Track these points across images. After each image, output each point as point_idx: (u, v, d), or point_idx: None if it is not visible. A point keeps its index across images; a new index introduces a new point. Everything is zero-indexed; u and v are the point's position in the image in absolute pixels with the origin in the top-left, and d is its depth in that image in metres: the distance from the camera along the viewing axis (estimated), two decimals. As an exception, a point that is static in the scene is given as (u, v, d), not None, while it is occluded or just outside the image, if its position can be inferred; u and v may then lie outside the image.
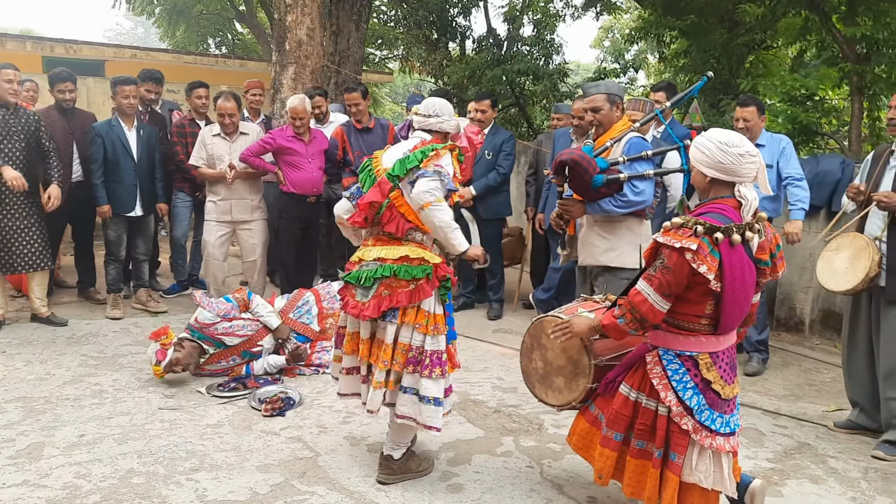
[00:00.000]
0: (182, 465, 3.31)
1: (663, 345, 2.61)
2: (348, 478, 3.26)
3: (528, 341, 3.13)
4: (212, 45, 22.07)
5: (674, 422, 2.54)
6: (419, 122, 3.25)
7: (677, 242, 2.44)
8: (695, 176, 2.64)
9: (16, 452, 3.37)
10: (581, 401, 2.90)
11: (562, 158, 3.73)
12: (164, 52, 12.88)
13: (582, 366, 2.88)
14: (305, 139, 5.74)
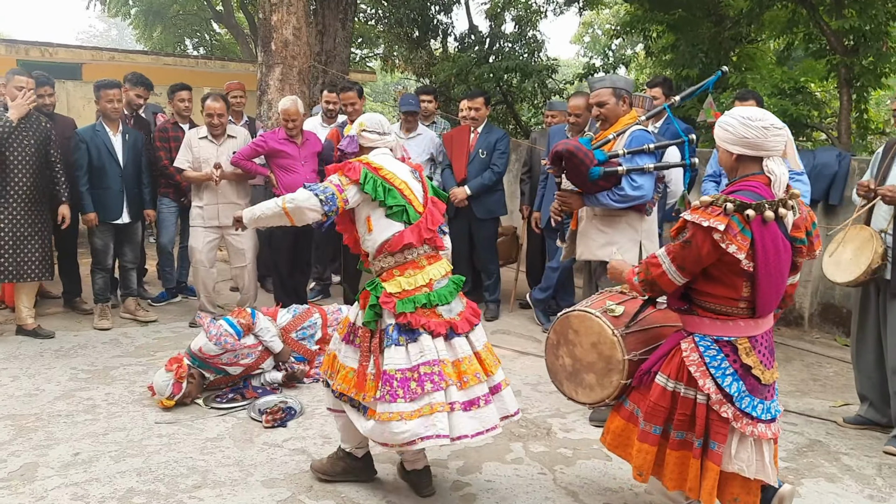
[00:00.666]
0: (184, 483, 3.19)
1: (699, 331, 2.52)
2: (357, 491, 3.16)
3: (554, 338, 2.99)
4: (189, 45, 21.79)
5: (713, 410, 2.46)
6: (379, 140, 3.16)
7: (705, 221, 2.36)
8: (721, 156, 2.58)
9: (8, 474, 3.23)
10: (615, 398, 2.79)
11: (557, 149, 3.68)
12: (144, 55, 12.65)
13: (615, 361, 2.75)
14: (298, 142, 5.60)
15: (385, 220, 2.97)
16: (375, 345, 2.91)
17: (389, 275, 2.96)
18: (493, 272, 6.13)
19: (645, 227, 3.76)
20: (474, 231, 6.03)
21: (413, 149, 6.13)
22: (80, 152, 5.38)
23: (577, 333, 2.86)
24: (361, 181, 2.93)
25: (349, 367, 2.98)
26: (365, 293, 2.96)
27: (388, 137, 3.19)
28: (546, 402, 4.25)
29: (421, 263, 2.99)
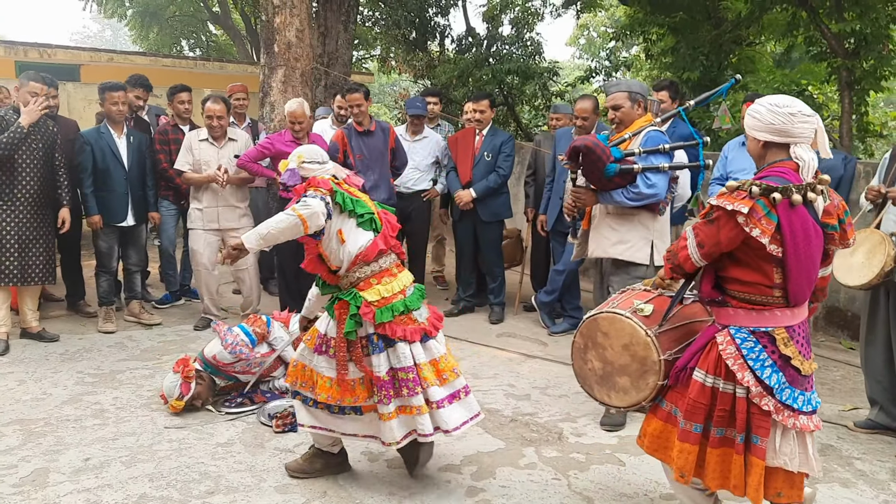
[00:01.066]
0: (197, 489, 3.17)
1: (734, 323, 2.49)
2: (371, 497, 3.15)
3: (581, 341, 2.93)
4: (185, 47, 21.71)
5: (753, 403, 2.42)
6: (314, 168, 3.23)
7: (729, 204, 2.35)
8: (749, 144, 2.57)
9: (19, 480, 3.21)
10: (651, 399, 2.71)
11: (576, 144, 3.71)
12: (142, 56, 12.61)
13: (650, 363, 2.67)
14: (304, 143, 5.58)
15: (357, 229, 3.09)
16: (357, 354, 3.03)
17: (367, 284, 3.04)
18: (498, 275, 6.12)
19: (657, 226, 3.78)
20: (479, 234, 6.03)
21: (419, 152, 6.13)
22: (84, 154, 5.35)
23: (607, 336, 2.80)
24: (333, 191, 3.06)
25: (326, 377, 3.08)
26: (342, 304, 3.02)
27: (327, 166, 3.27)
28: (556, 406, 4.24)
29: (393, 271, 3.14)
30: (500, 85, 10.01)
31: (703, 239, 2.45)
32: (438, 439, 3.23)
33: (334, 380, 3.06)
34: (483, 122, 5.86)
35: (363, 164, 5.53)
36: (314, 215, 2.95)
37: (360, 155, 5.58)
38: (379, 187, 5.58)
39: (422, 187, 6.17)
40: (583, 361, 2.93)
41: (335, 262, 3.09)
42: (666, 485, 3.29)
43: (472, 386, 4.44)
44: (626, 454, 3.60)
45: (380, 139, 5.69)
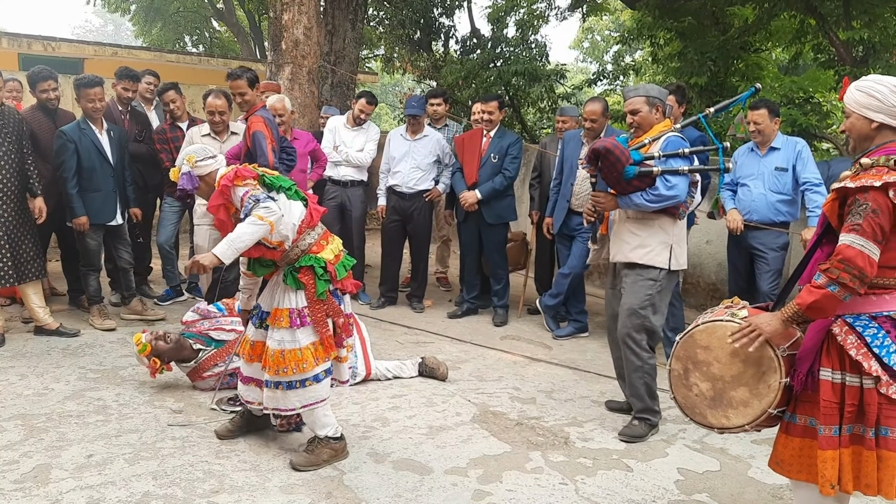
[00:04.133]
0: (201, 487, 3.14)
1: (851, 310, 2.36)
2: (378, 499, 3.12)
3: (679, 367, 2.70)
4: (188, 43, 21.68)
5: (881, 393, 2.29)
6: (209, 163, 3.42)
7: (876, 181, 2.24)
8: (854, 123, 2.43)
9: (21, 476, 3.17)
10: (778, 404, 2.48)
11: (595, 146, 3.70)
12: (146, 51, 12.58)
13: (767, 360, 2.48)
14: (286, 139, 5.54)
15: (289, 202, 3.28)
16: (334, 307, 3.31)
17: (319, 247, 3.30)
18: (503, 277, 6.09)
19: (676, 230, 3.75)
20: (483, 236, 6.00)
21: (419, 150, 6.10)
22: (67, 153, 5.07)
23: (709, 349, 2.60)
24: (260, 175, 3.26)
25: (308, 345, 3.27)
26: (304, 270, 3.23)
27: (219, 157, 3.47)
28: (562, 410, 4.21)
29: (327, 238, 3.39)
30: (506, 86, 9.99)
31: (876, 231, 2.27)
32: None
33: (317, 342, 3.28)
34: (492, 124, 5.83)
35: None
36: (279, 218, 3.16)
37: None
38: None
39: (423, 187, 6.14)
40: (686, 389, 2.69)
41: (278, 238, 3.21)
42: (675, 491, 3.27)
43: (477, 388, 4.48)
44: (633, 460, 3.58)
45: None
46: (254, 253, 3.25)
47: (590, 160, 3.78)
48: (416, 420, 3.98)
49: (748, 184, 4.91)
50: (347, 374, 3.59)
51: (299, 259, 3.24)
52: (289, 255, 3.25)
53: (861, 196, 2.29)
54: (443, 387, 4.51)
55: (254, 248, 3.22)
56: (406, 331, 5.72)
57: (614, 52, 20.14)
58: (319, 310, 3.26)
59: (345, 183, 6.25)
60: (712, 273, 6.50)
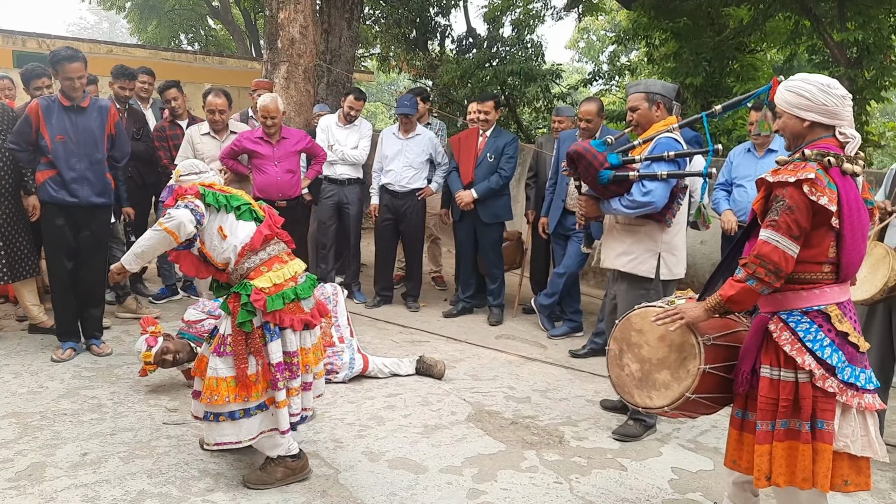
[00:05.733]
0: (196, 486, 3.14)
1: (784, 307, 2.43)
2: (373, 497, 3.12)
3: (615, 347, 2.87)
4: (184, 41, 21.64)
5: (817, 387, 2.35)
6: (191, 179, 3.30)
7: (791, 177, 2.31)
8: (788, 123, 2.50)
9: (15, 474, 3.16)
10: (695, 389, 2.60)
11: (568, 151, 3.69)
12: (141, 48, 12.55)
13: (688, 346, 2.62)
14: (273, 141, 5.53)
15: (237, 222, 3.11)
16: (256, 345, 3.00)
17: (257, 272, 3.05)
18: (498, 276, 6.10)
19: (666, 238, 3.71)
20: (479, 235, 6.01)
21: (412, 149, 6.11)
22: None
23: (642, 332, 2.75)
24: (202, 194, 3.12)
25: (227, 378, 3.02)
26: (234, 296, 3.01)
27: (204, 175, 3.33)
28: (556, 409, 4.23)
29: (283, 258, 3.16)
30: (502, 86, 10.01)
31: (792, 227, 2.33)
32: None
33: (235, 377, 3.00)
34: (488, 123, 5.84)
35: (65, 150, 4.49)
36: (180, 225, 2.99)
37: (63, 136, 4.50)
38: (85, 180, 4.57)
39: (416, 186, 6.14)
40: (619, 368, 2.85)
41: (221, 259, 3.11)
42: (669, 490, 3.29)
43: (472, 387, 4.48)
44: (627, 459, 3.59)
45: (94, 119, 4.62)
46: (204, 273, 3.22)
47: (568, 164, 3.76)
48: (412, 419, 3.99)
49: (744, 185, 4.92)
50: (302, 406, 3.19)
51: (238, 283, 3.06)
52: (231, 279, 3.11)
53: (780, 192, 2.37)
54: (438, 386, 4.52)
55: (203, 269, 3.21)
56: (401, 330, 5.73)
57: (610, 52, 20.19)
58: (241, 342, 2.98)
59: (342, 181, 6.25)
60: (706, 273, 6.51)
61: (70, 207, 4.57)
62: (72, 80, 4.41)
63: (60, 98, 4.49)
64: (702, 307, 2.60)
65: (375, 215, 6.29)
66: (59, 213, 4.58)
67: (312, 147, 5.80)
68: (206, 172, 3.37)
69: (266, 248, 3.11)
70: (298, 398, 3.14)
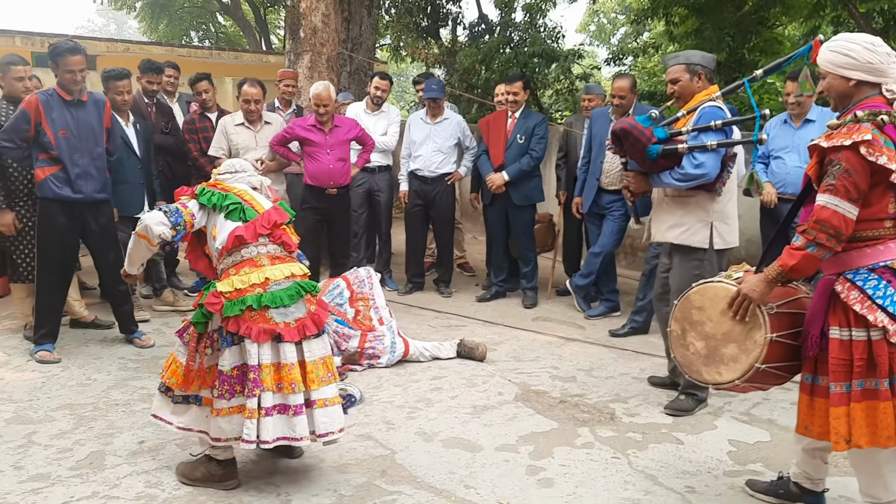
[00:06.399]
0: (256, 469, 3.15)
1: (848, 266, 2.43)
2: (432, 476, 3.12)
3: (677, 327, 2.85)
4: (195, 38, 21.69)
5: (892, 343, 2.33)
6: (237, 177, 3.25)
7: (847, 140, 2.30)
8: (832, 83, 2.48)
9: (76, 463, 3.18)
10: (766, 359, 2.58)
11: (613, 128, 3.65)
12: (158, 46, 12.61)
13: (753, 317, 2.60)
14: (326, 128, 5.53)
15: (225, 222, 3.01)
16: (203, 347, 2.91)
17: (226, 274, 2.93)
18: (531, 259, 6.07)
19: (717, 208, 3.67)
20: (511, 218, 5.97)
21: (440, 133, 6.08)
22: None
23: (702, 309, 2.73)
24: (198, 193, 3.07)
25: (179, 362, 3.00)
26: (199, 293, 2.97)
27: (239, 175, 3.26)
28: (604, 387, 4.21)
29: (260, 262, 2.93)
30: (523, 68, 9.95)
31: (850, 190, 2.33)
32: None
33: (185, 366, 2.96)
34: (517, 104, 5.80)
35: (68, 145, 4.40)
36: (147, 229, 3.01)
37: (65, 131, 4.41)
38: (89, 175, 4.50)
39: (445, 170, 6.11)
40: (684, 348, 2.83)
41: (215, 259, 3.07)
42: (727, 462, 3.27)
43: (515, 368, 4.47)
44: (682, 433, 3.57)
45: (92, 114, 4.56)
46: (213, 274, 3.13)
47: (613, 141, 3.73)
48: (460, 400, 3.98)
49: (782, 156, 4.87)
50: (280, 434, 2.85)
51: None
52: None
53: (835, 156, 2.36)
54: (481, 368, 4.51)
55: (205, 267, 3.24)
56: (436, 315, 5.72)
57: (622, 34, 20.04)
58: (194, 339, 2.92)
59: (372, 169, 6.23)
60: (741, 248, 6.43)
61: (73, 204, 4.47)
62: (73, 72, 4.35)
63: (60, 92, 4.39)
64: (763, 282, 2.57)
65: (405, 202, 6.27)
66: (61, 210, 4.46)
67: (363, 135, 5.77)
68: (242, 172, 3.29)
69: (242, 250, 2.95)
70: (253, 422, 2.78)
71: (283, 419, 2.83)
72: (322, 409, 2.89)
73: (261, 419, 2.79)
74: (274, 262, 2.95)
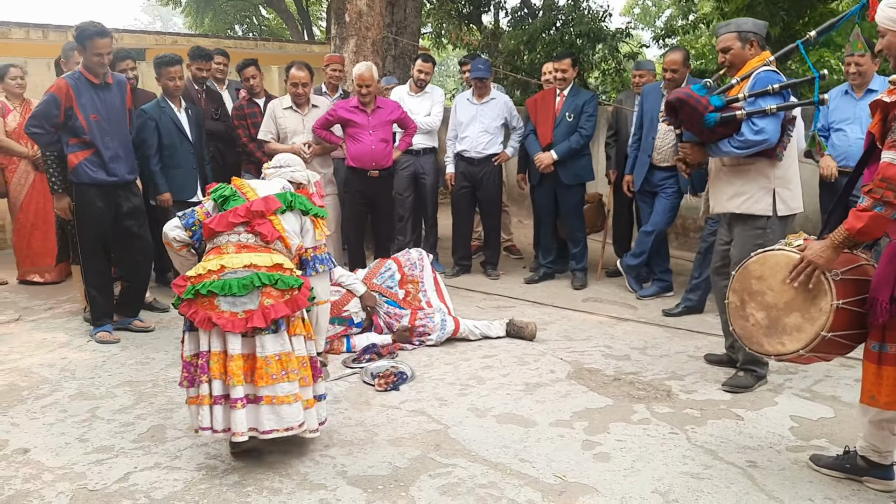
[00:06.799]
0: (313, 443, 3.17)
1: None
2: (486, 449, 3.10)
3: (736, 299, 2.78)
4: (238, 31, 21.97)
5: None
6: (278, 172, 3.37)
7: None
8: (892, 40, 2.42)
9: (138, 436, 3.26)
10: (833, 328, 2.51)
11: (669, 98, 3.57)
12: (204, 38, 12.75)
13: (818, 284, 2.52)
14: (369, 109, 5.53)
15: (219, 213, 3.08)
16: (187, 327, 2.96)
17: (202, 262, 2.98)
18: (581, 240, 5.99)
19: (778, 173, 3.56)
20: (560, 198, 5.90)
21: (487, 114, 6.03)
22: (148, 131, 5.14)
23: (762, 279, 2.66)
24: (212, 191, 3.13)
25: None
26: None
27: (283, 170, 3.36)
28: (659, 365, 4.13)
29: (227, 250, 2.92)
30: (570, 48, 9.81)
31: None
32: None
33: None
34: (565, 82, 5.71)
35: (99, 129, 4.46)
36: (166, 237, 3.15)
37: (96, 115, 4.45)
38: (119, 158, 4.57)
39: (492, 151, 6.06)
40: (744, 320, 2.76)
41: None
42: (790, 437, 3.19)
43: (567, 347, 4.42)
44: (742, 409, 3.49)
45: (117, 96, 4.61)
46: None
47: (668, 112, 3.64)
48: (511, 378, 3.96)
49: (844, 128, 4.69)
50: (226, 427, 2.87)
51: None
52: None
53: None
54: (532, 347, 4.47)
55: None
56: (485, 297, 5.70)
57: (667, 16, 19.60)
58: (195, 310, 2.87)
59: (417, 151, 6.22)
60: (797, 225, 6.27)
61: (107, 187, 4.54)
62: (101, 55, 4.34)
63: (86, 75, 4.41)
64: (829, 247, 2.50)
65: (452, 184, 6.24)
66: (98, 194, 4.52)
67: (405, 118, 5.75)
68: (286, 168, 3.36)
69: (215, 238, 2.98)
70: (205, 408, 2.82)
71: (226, 410, 2.84)
72: (269, 405, 2.83)
73: (212, 406, 2.83)
74: (240, 251, 2.91)
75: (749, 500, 2.68)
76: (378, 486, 2.81)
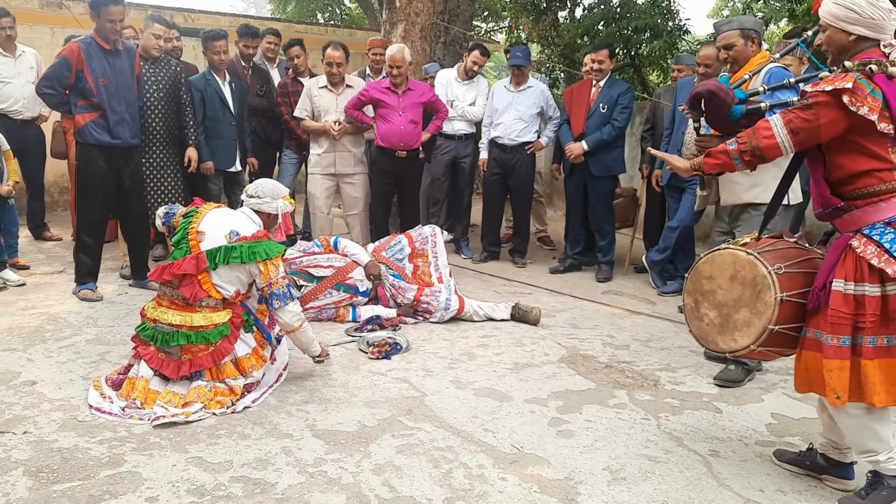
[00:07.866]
0: (293, 398, 3.33)
1: (864, 222, 2.35)
2: (455, 418, 3.18)
3: (690, 300, 2.78)
4: (320, 19, 22.53)
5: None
6: (247, 201, 3.53)
7: (828, 86, 2.26)
8: (832, 36, 2.43)
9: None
10: (779, 320, 2.49)
11: (697, 90, 3.52)
12: (276, 21, 13.21)
13: (760, 278, 2.52)
14: (400, 91, 5.62)
15: None
16: None
17: None
18: (608, 233, 5.96)
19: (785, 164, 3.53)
20: (590, 189, 5.87)
21: (523, 101, 6.05)
22: (194, 102, 5.44)
23: (712, 278, 2.67)
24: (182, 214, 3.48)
25: None
26: None
27: (251, 200, 3.51)
28: (656, 357, 4.10)
29: (162, 303, 3.30)
30: (627, 44, 9.68)
31: (799, 125, 2.35)
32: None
33: None
34: (602, 73, 5.68)
35: (107, 92, 4.66)
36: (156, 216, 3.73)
37: (105, 79, 4.65)
38: (125, 122, 4.78)
39: (526, 139, 6.08)
40: (699, 320, 2.76)
41: None
42: (763, 433, 3.13)
43: (569, 334, 4.43)
44: (724, 403, 3.44)
45: (126, 62, 4.81)
46: None
47: (691, 105, 3.60)
48: (503, 357, 4.01)
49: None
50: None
51: None
52: None
53: (813, 95, 2.33)
54: (534, 331, 4.51)
55: None
56: (505, 283, 5.74)
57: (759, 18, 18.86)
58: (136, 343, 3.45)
59: (458, 137, 6.31)
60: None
61: (111, 149, 4.73)
62: (114, 22, 4.54)
63: (98, 40, 4.61)
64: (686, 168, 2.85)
65: (484, 170, 6.30)
66: (102, 155, 4.72)
67: (436, 102, 5.82)
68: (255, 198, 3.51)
69: (161, 285, 3.34)
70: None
71: None
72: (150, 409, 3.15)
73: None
74: (171, 307, 3.27)
75: (698, 486, 2.67)
76: (341, 441, 2.94)
